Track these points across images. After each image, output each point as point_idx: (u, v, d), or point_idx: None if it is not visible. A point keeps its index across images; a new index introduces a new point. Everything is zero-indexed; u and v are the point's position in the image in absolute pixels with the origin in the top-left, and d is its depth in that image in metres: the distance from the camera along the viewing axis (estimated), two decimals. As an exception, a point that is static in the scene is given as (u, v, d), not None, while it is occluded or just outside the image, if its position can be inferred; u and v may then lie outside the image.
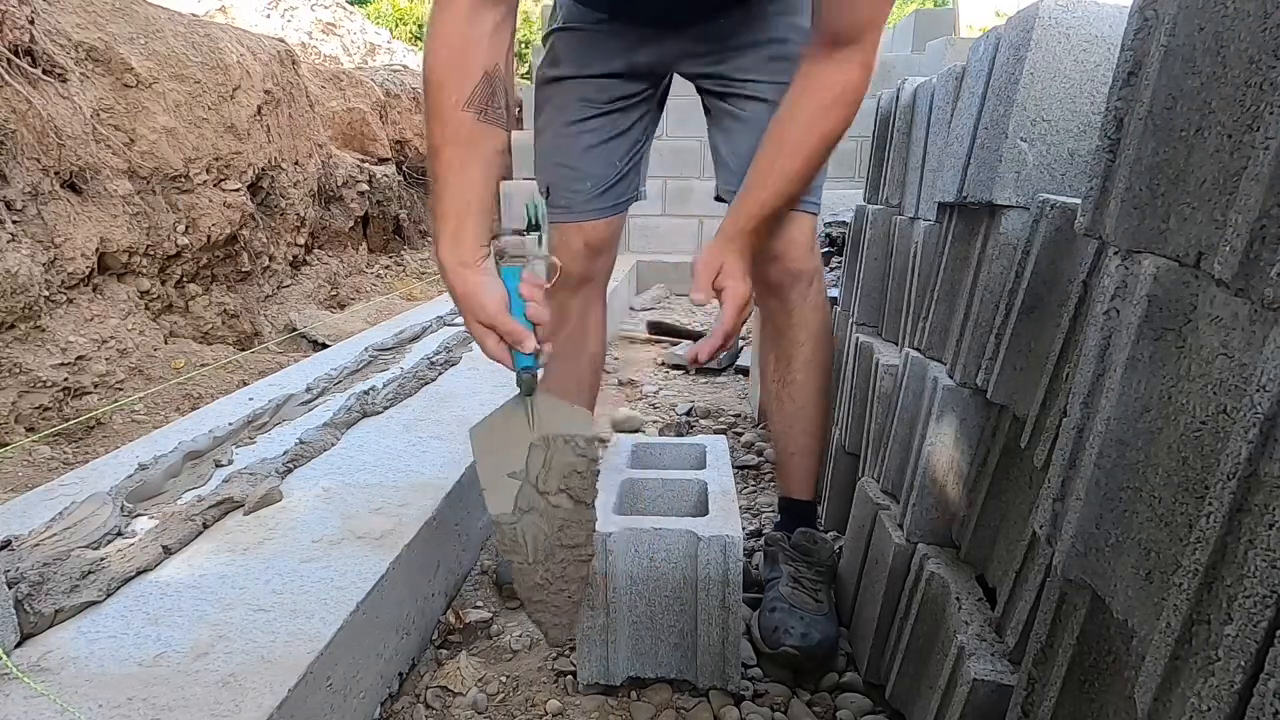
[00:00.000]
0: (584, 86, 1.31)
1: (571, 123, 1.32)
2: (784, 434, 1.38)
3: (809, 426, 1.35)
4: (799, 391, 1.33)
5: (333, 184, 4.38)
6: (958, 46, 4.72)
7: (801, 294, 1.30)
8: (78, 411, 2.33)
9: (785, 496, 1.41)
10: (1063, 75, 0.88)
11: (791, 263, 1.27)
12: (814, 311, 1.31)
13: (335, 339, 3.19)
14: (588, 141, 1.33)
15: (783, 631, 1.15)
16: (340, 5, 9.64)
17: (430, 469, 1.47)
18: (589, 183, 1.34)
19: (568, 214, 1.34)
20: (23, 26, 2.46)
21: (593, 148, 1.33)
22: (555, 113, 1.34)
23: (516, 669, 1.20)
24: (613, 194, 1.37)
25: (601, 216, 1.37)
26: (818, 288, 1.32)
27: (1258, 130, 0.48)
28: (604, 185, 1.35)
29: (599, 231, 1.38)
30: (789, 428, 1.36)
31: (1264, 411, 0.43)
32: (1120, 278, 0.62)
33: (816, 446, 1.36)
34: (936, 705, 0.88)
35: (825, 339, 1.35)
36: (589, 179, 1.34)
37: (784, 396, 1.35)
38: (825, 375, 1.35)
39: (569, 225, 1.35)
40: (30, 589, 0.97)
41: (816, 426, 1.35)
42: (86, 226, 2.60)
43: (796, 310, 1.30)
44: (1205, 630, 0.46)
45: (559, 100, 1.33)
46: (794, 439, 1.36)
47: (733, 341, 1.12)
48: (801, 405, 1.34)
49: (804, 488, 1.37)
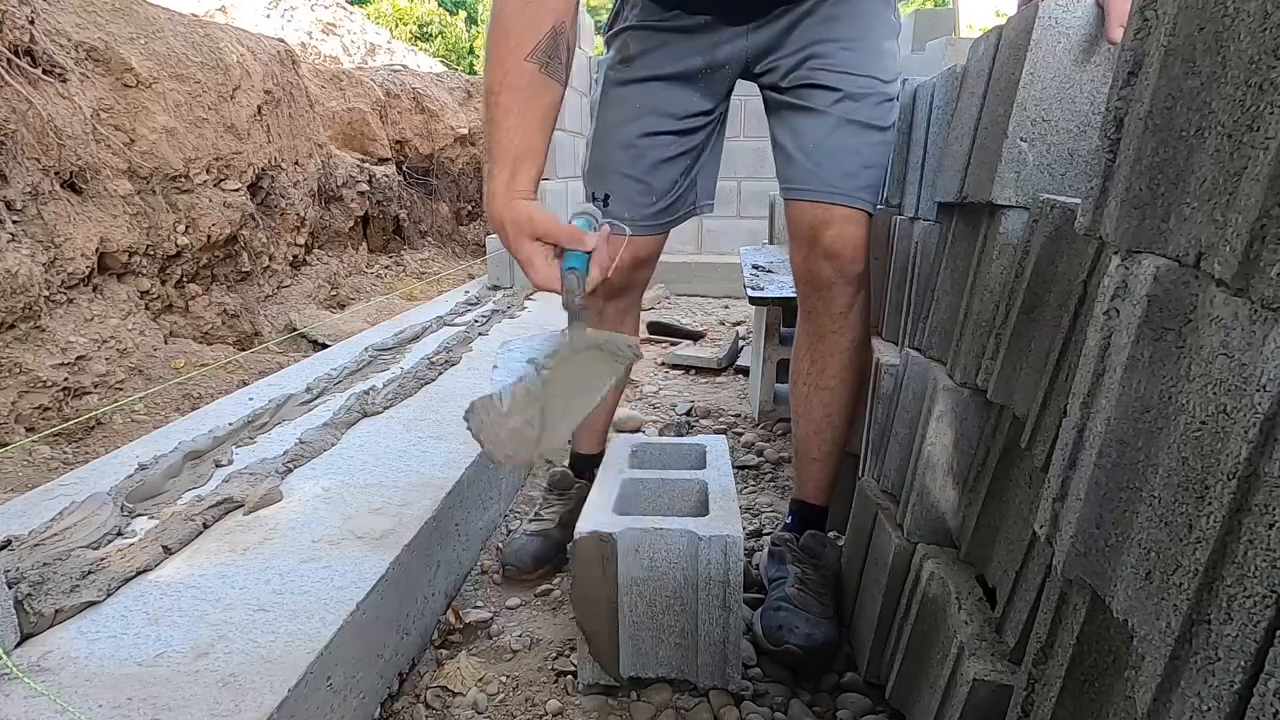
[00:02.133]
0: (660, 96, 1.27)
1: (645, 135, 1.28)
2: (808, 438, 1.35)
3: (835, 435, 1.32)
4: (832, 397, 1.30)
5: (333, 184, 4.38)
6: (958, 46, 4.71)
7: (850, 298, 1.26)
8: (78, 411, 2.33)
9: (799, 499, 1.40)
10: (1063, 75, 0.88)
11: (847, 264, 1.23)
12: (860, 316, 1.28)
13: (335, 339, 3.19)
14: (657, 156, 1.30)
15: (787, 630, 1.14)
16: (340, 5, 9.64)
17: (430, 469, 1.47)
18: (653, 198, 1.32)
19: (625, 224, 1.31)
20: (23, 26, 2.45)
21: (662, 163, 1.30)
22: (626, 120, 1.29)
23: (516, 669, 1.20)
24: (670, 210, 1.36)
25: (655, 233, 1.36)
26: (866, 293, 1.28)
27: (1258, 130, 0.48)
28: (665, 203, 1.34)
29: (649, 246, 1.37)
30: (815, 433, 1.33)
31: (1264, 411, 0.43)
32: (1120, 278, 0.62)
33: (838, 455, 1.35)
34: (936, 705, 0.88)
35: (865, 347, 1.31)
36: (653, 194, 1.32)
37: (814, 401, 1.32)
38: (861, 385, 1.32)
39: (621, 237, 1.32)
40: (30, 589, 0.97)
41: (841, 435, 1.33)
42: (86, 226, 2.60)
43: (842, 315, 1.26)
44: (1205, 630, 0.46)
45: (631, 107, 1.28)
46: (818, 445, 1.33)
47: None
48: (832, 412, 1.31)
49: (819, 493, 1.37)
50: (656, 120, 1.28)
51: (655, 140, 1.29)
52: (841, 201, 1.21)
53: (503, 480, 1.75)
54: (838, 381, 1.30)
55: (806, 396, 1.33)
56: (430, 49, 11.77)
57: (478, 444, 0.85)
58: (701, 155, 1.37)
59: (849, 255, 1.23)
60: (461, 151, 5.86)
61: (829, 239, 1.22)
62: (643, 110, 1.28)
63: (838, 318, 1.27)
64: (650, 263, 1.41)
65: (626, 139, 1.29)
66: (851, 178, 1.22)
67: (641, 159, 1.29)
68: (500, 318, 3.02)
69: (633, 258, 1.35)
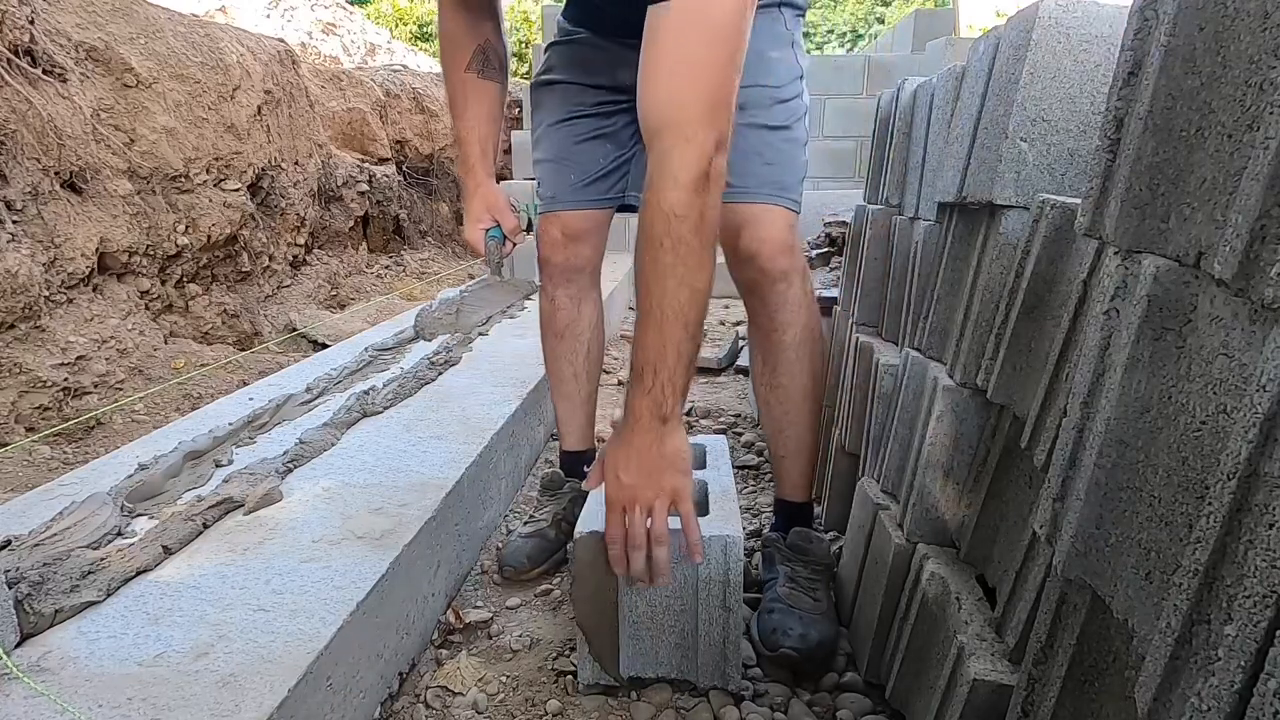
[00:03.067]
0: (571, 91, 1.41)
1: (559, 122, 1.42)
2: (775, 437, 1.37)
3: (798, 430, 1.33)
4: (785, 395, 1.32)
5: (333, 184, 4.38)
6: (958, 46, 4.72)
7: (781, 295, 1.27)
8: (78, 411, 2.33)
9: (779, 498, 1.41)
10: (1063, 75, 0.88)
11: (766, 262, 1.24)
12: (796, 312, 1.28)
13: (335, 339, 3.19)
14: (573, 137, 1.42)
15: (781, 633, 1.15)
16: (340, 5, 9.64)
17: (430, 469, 1.47)
18: (573, 175, 1.42)
19: (552, 204, 1.43)
20: (23, 26, 2.46)
21: (577, 144, 1.42)
22: (546, 114, 1.44)
23: (516, 669, 1.20)
24: (595, 189, 1.42)
25: (580, 208, 1.43)
26: (800, 287, 1.28)
27: (1258, 130, 0.48)
28: (588, 179, 1.42)
29: (576, 221, 1.44)
30: (779, 431, 1.35)
31: (1264, 411, 0.43)
32: (1120, 278, 0.62)
33: (808, 449, 1.35)
34: (936, 705, 0.88)
35: (810, 341, 1.31)
36: (573, 171, 1.42)
37: (771, 400, 1.34)
38: (812, 377, 1.33)
39: (549, 215, 1.44)
40: (30, 589, 0.97)
41: (806, 430, 1.34)
42: (86, 226, 2.60)
43: (778, 312, 1.28)
44: (1205, 630, 0.46)
45: (550, 103, 1.44)
46: (784, 442, 1.35)
47: (639, 552, 0.97)
48: (788, 409, 1.33)
49: (797, 489, 1.37)
50: (569, 108, 1.42)
51: (569, 124, 1.42)
52: (746, 200, 1.23)
53: (502, 480, 1.75)
54: (788, 379, 1.31)
55: (765, 397, 1.36)
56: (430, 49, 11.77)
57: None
58: (631, 143, 1.41)
59: (766, 253, 1.24)
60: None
61: (745, 241, 1.24)
62: (556, 105, 1.43)
63: (773, 316, 1.28)
64: (584, 240, 1.45)
65: (547, 128, 1.45)
66: (753, 176, 1.24)
67: (559, 143, 1.43)
68: (500, 318, 3.02)
69: (561, 233, 1.44)
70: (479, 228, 1.40)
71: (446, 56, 1.35)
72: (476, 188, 1.39)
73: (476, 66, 1.34)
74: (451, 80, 1.36)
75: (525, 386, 2.02)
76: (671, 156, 0.92)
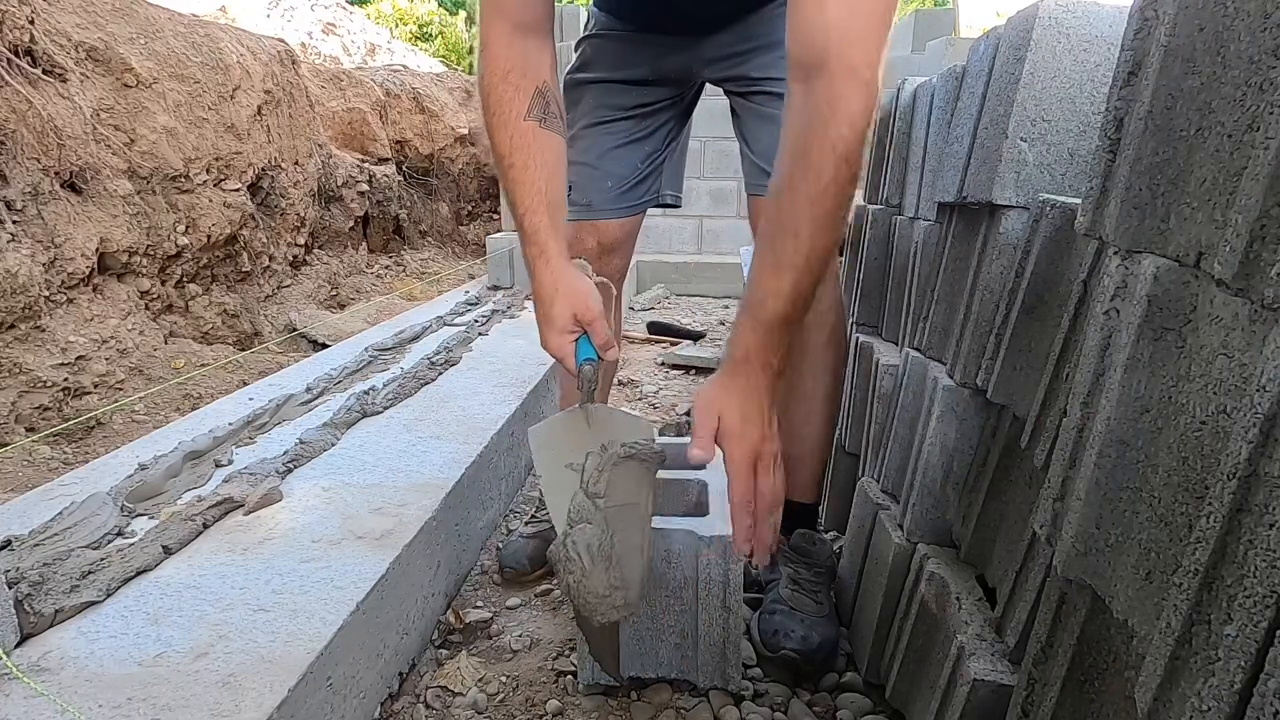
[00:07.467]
0: (608, 91, 1.35)
1: (594, 124, 1.36)
2: (788, 437, 1.35)
3: (814, 431, 1.32)
4: (806, 396, 1.30)
5: (333, 184, 4.38)
6: (958, 46, 4.72)
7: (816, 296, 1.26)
8: (78, 411, 2.33)
9: (786, 499, 1.40)
10: (1063, 75, 0.88)
11: None
12: (826, 313, 1.27)
13: (335, 339, 3.19)
14: (609, 143, 1.36)
15: (783, 635, 1.14)
16: (340, 5, 9.63)
17: (430, 469, 1.47)
18: (609, 182, 1.37)
19: (587, 211, 1.37)
20: (23, 26, 2.45)
21: (614, 149, 1.36)
22: (580, 115, 1.37)
23: (516, 669, 1.20)
24: (631, 195, 1.40)
25: (617, 216, 1.39)
26: (831, 288, 1.27)
27: (1258, 130, 0.48)
28: (624, 186, 1.38)
29: (613, 231, 1.40)
30: (794, 431, 1.32)
31: (1264, 411, 0.43)
32: (1120, 278, 0.62)
33: (820, 450, 1.35)
34: (936, 705, 0.88)
35: (836, 343, 1.31)
36: (609, 178, 1.37)
37: (790, 401, 1.31)
38: (835, 380, 1.32)
39: (584, 223, 1.38)
40: (30, 589, 0.97)
41: (821, 431, 1.33)
42: (86, 226, 2.60)
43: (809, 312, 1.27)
44: (1205, 630, 0.46)
45: (584, 103, 1.37)
46: (798, 443, 1.33)
47: (765, 521, 0.90)
48: (809, 410, 1.31)
49: (806, 491, 1.37)
50: (605, 112, 1.36)
51: (606, 128, 1.36)
52: None
53: (502, 480, 1.75)
54: (812, 379, 1.30)
55: (784, 398, 1.32)
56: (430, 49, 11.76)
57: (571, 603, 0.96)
58: (665, 143, 1.40)
59: None
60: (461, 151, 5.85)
61: None
62: (592, 105, 1.36)
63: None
64: (619, 250, 1.43)
65: (581, 130, 1.37)
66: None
67: (593, 146, 1.37)
68: (500, 318, 3.02)
69: (598, 243, 1.38)
70: (568, 341, 1.01)
71: (496, 98, 1.03)
72: (556, 282, 1.00)
73: (538, 114, 1.03)
74: (506, 130, 1.03)
75: (525, 387, 2.02)
76: (847, 96, 0.84)
